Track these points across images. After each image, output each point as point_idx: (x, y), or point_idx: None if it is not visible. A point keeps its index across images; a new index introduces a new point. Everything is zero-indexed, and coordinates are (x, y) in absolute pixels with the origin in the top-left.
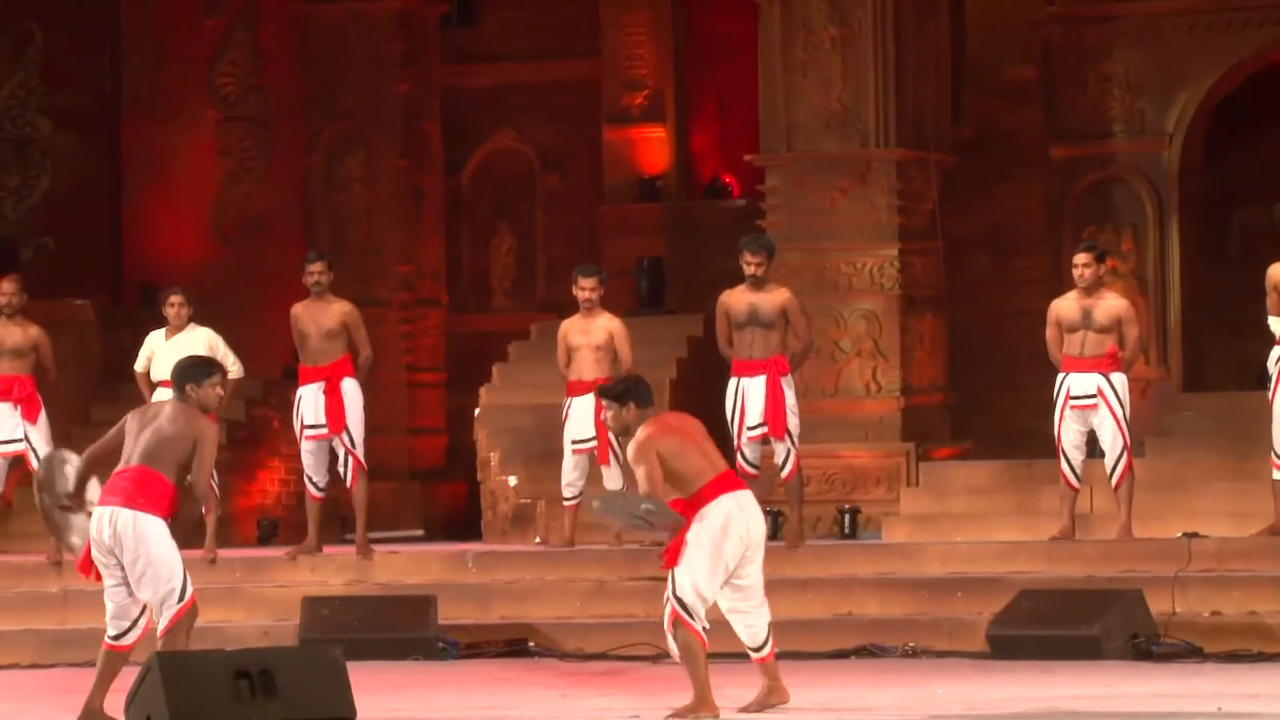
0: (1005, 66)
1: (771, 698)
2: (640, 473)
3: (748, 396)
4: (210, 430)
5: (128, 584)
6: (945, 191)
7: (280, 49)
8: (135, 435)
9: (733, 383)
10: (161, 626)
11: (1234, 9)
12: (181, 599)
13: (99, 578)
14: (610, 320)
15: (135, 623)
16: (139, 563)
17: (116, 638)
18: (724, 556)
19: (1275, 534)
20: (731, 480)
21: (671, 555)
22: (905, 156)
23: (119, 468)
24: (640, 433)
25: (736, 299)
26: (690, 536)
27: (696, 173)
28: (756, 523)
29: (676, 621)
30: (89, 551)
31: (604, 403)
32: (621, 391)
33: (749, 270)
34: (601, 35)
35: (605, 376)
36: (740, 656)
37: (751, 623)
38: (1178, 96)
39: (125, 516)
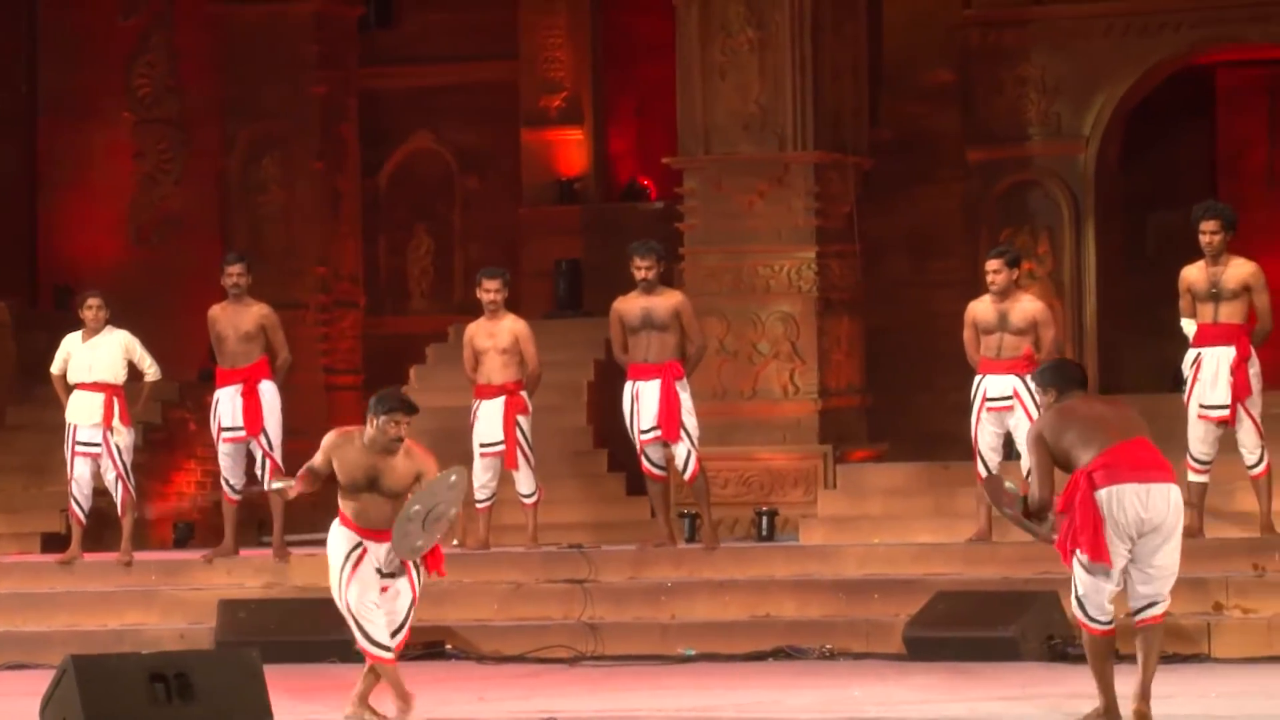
0: (923, 69)
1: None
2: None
3: (642, 399)
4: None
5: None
6: (863, 194)
7: (197, 51)
8: None
9: (628, 386)
10: None
11: (1150, 12)
12: None
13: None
14: (515, 322)
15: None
16: None
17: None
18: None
19: (1192, 536)
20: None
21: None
22: (823, 159)
23: None
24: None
25: (630, 304)
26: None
27: (615, 175)
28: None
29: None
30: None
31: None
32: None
33: (639, 275)
34: (520, 38)
35: (514, 380)
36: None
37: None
38: (1094, 99)
39: None
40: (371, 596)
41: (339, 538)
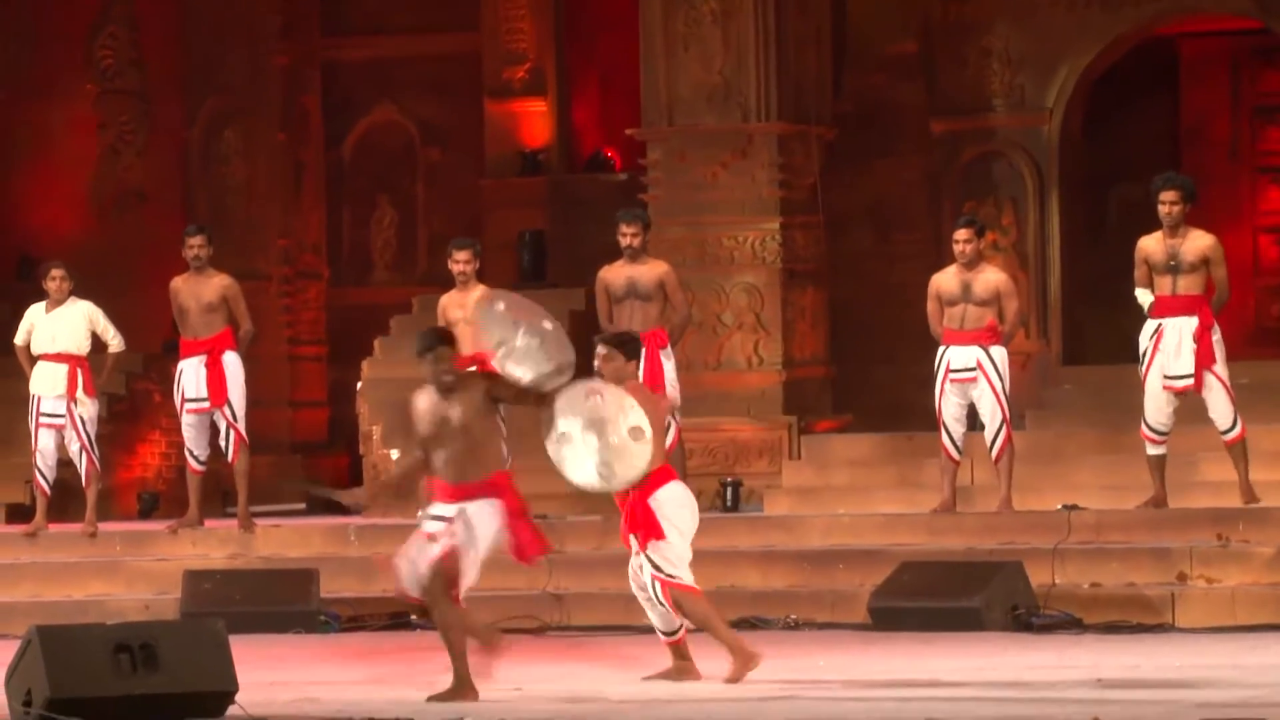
0: (886, 41)
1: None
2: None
3: None
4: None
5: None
6: (826, 165)
7: (159, 22)
8: None
9: None
10: None
11: None
12: None
13: None
14: (486, 293)
15: None
16: None
17: None
18: (689, 529)
19: (1157, 506)
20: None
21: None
22: (786, 130)
23: None
24: (646, 390)
25: (615, 273)
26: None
27: (578, 146)
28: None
29: (673, 591)
30: None
31: (610, 350)
32: (637, 349)
33: (624, 242)
34: (482, 8)
35: (484, 351)
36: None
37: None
38: (1058, 71)
39: None
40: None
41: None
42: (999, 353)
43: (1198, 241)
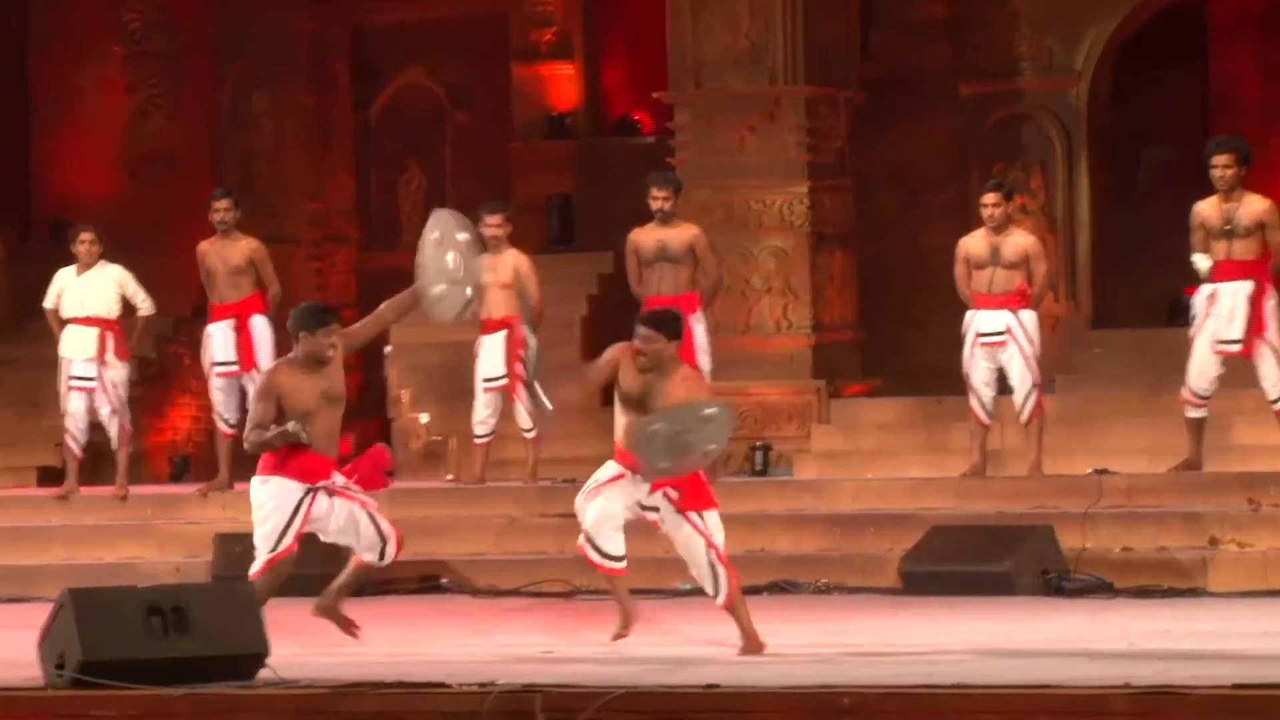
0: (913, 4)
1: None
2: None
3: None
4: None
5: None
6: (854, 128)
7: None
8: None
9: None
10: None
11: None
12: None
13: None
14: (518, 257)
15: None
16: None
17: None
18: None
19: (1190, 469)
20: None
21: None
22: (814, 93)
23: None
24: (690, 369)
25: (645, 236)
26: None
27: (607, 109)
28: None
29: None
30: None
31: (651, 333)
32: (678, 329)
33: (655, 205)
34: None
35: (515, 314)
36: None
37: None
38: (1086, 33)
39: None
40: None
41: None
42: (1028, 316)
43: (1254, 205)
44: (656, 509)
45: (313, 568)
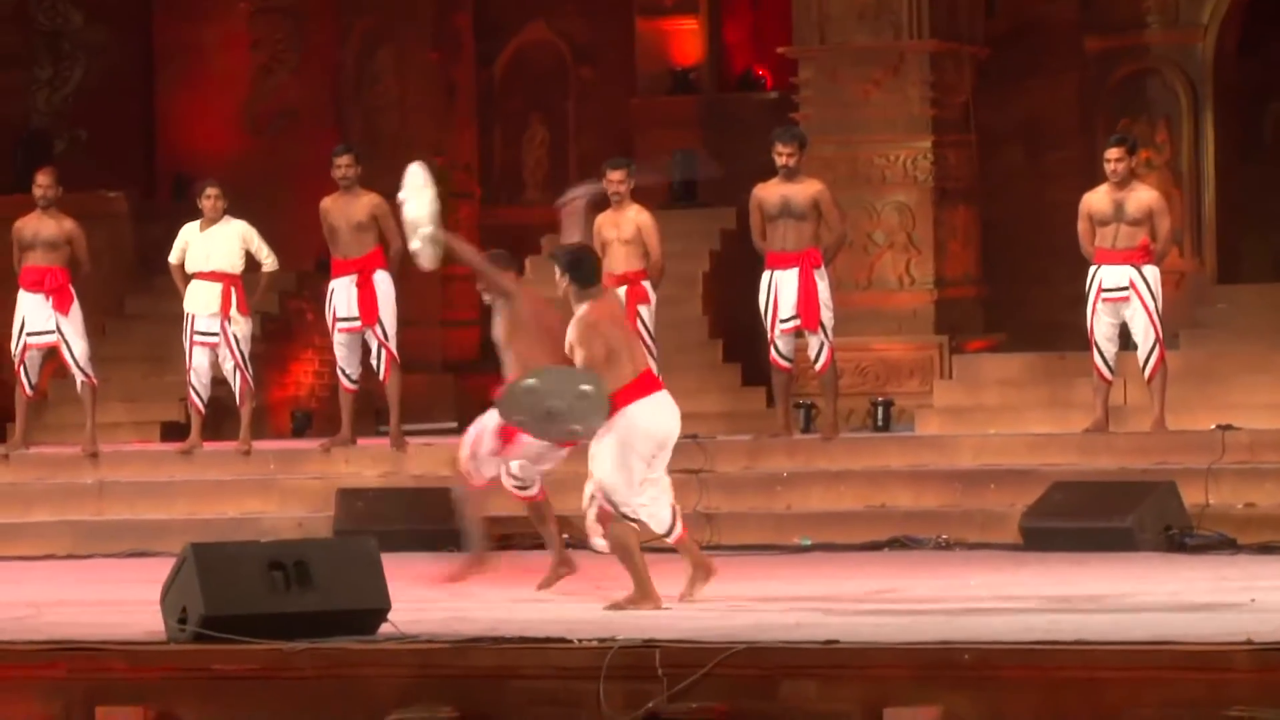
0: None
1: (699, 576)
2: (581, 355)
3: (781, 289)
4: None
5: None
6: (978, 84)
7: None
8: None
9: (766, 275)
10: None
11: None
12: None
13: None
14: (640, 213)
15: None
16: None
17: None
18: (632, 458)
19: None
20: (651, 382)
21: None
22: (938, 48)
23: None
24: (587, 313)
25: (769, 191)
26: (606, 437)
27: (730, 65)
28: (673, 425)
29: (606, 518)
30: None
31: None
32: (570, 263)
33: (781, 161)
34: None
35: (637, 270)
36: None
37: (653, 512)
38: None
39: None
40: None
41: None
42: (1152, 272)
43: None
44: None
45: (426, 523)
